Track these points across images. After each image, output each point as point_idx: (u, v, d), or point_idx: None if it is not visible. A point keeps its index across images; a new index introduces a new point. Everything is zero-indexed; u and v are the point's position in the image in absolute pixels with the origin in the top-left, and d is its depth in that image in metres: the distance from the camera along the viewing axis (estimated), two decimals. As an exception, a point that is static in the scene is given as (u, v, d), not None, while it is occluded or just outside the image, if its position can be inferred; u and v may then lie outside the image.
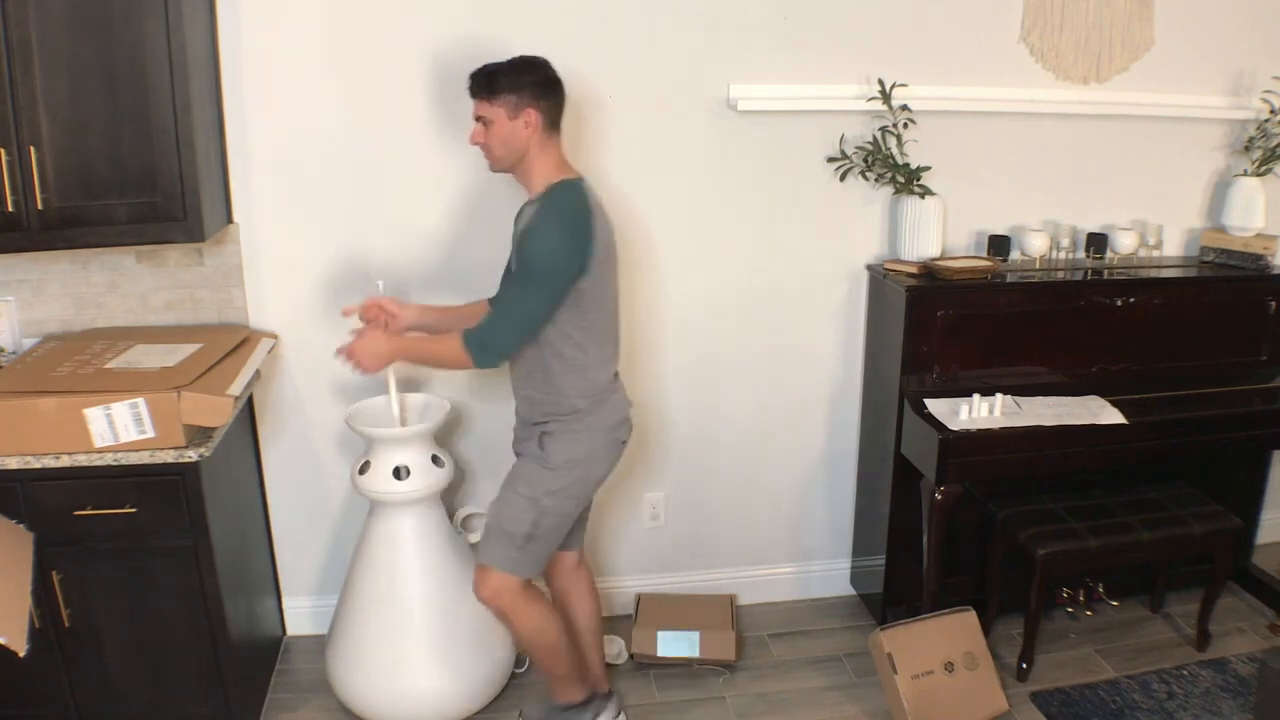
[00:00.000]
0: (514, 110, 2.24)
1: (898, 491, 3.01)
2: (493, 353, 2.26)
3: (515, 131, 2.26)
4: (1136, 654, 3.07)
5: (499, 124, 2.26)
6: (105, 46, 2.28)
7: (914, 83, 2.86)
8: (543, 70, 2.28)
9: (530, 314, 2.24)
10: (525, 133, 2.26)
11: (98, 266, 2.73)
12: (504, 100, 2.24)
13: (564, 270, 2.21)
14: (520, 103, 2.23)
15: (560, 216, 2.23)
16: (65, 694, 2.47)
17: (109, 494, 2.31)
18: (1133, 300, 2.96)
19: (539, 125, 2.26)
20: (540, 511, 2.35)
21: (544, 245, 2.20)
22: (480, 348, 2.24)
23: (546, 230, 2.21)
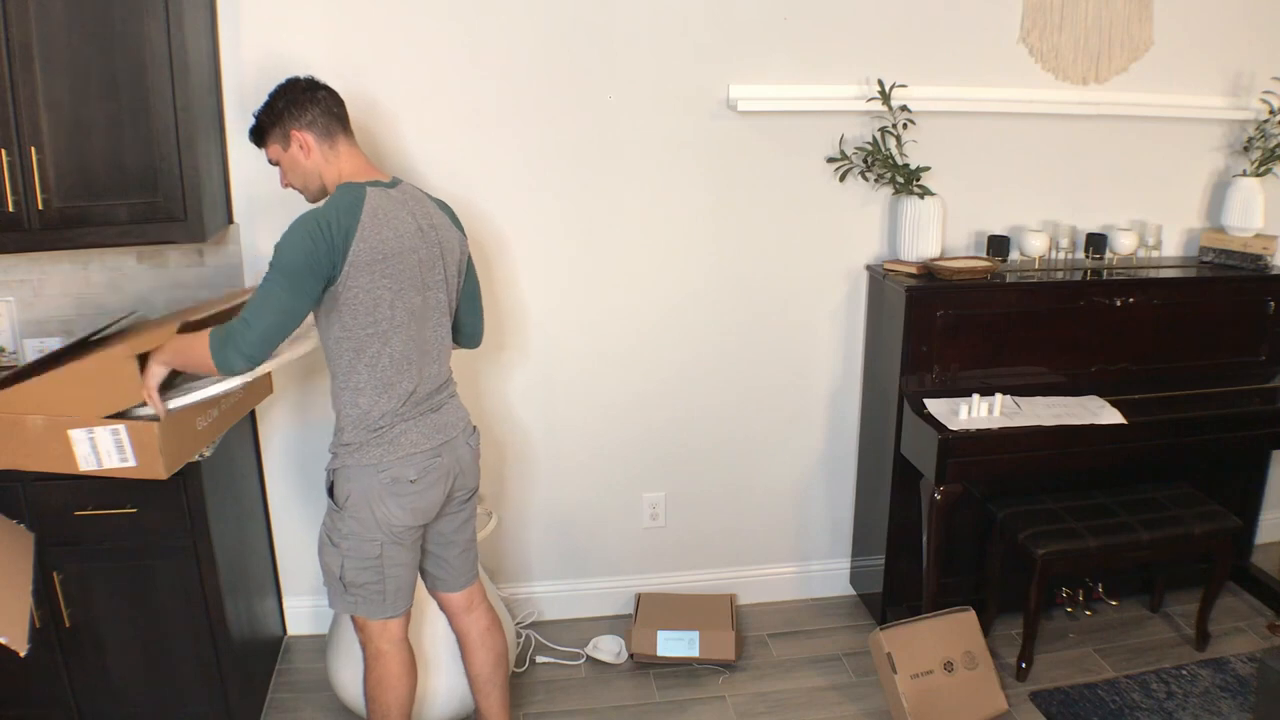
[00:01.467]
0: (285, 141, 2.17)
1: (897, 491, 3.01)
2: (234, 349, 1.98)
3: (296, 160, 2.18)
4: (1136, 654, 3.07)
5: (283, 160, 2.20)
6: (106, 47, 2.29)
7: (914, 83, 2.86)
8: (291, 88, 2.18)
9: (275, 306, 1.98)
10: (304, 156, 2.17)
11: (98, 267, 2.73)
12: (273, 137, 2.19)
13: (305, 263, 1.99)
14: (284, 132, 2.16)
15: (315, 213, 2.04)
16: (66, 693, 2.47)
17: (110, 494, 2.32)
18: (1132, 300, 2.96)
19: (314, 143, 2.16)
20: (342, 555, 2.18)
21: (286, 236, 2.02)
22: (220, 344, 1.99)
23: (295, 223, 2.03)
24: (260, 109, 2.20)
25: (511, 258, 2.91)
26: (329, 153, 2.18)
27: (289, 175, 2.23)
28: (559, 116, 2.81)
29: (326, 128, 2.18)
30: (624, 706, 2.84)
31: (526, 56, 2.75)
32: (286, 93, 2.18)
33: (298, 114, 2.16)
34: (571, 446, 3.12)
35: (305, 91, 2.18)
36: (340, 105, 2.23)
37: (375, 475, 2.14)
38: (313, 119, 2.17)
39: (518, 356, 3.01)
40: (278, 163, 2.23)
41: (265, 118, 2.19)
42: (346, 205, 2.06)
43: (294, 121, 2.16)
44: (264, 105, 2.20)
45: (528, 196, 2.87)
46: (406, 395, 2.16)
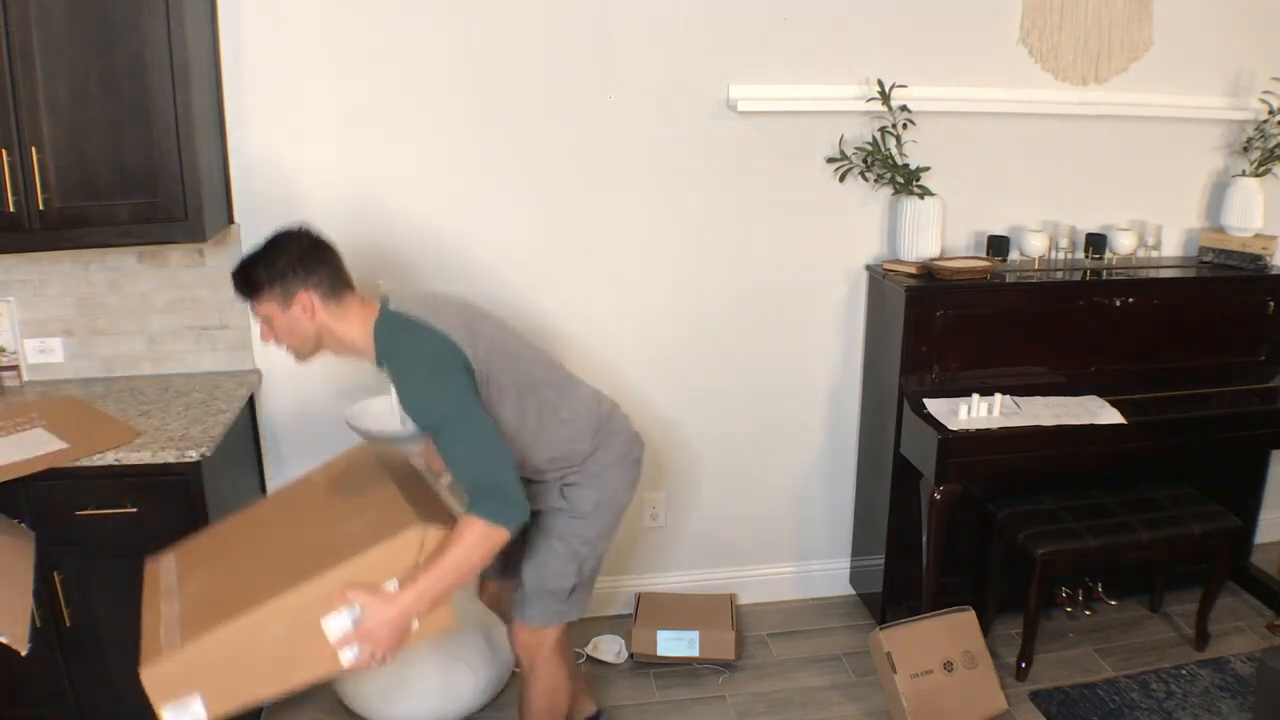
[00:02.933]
0: (284, 301, 1.98)
1: (897, 491, 3.02)
2: (511, 495, 1.90)
3: (296, 320, 2.00)
4: (1135, 653, 3.07)
5: (277, 319, 2.01)
6: (107, 47, 2.29)
7: (913, 83, 2.86)
8: (296, 244, 2.01)
9: (488, 438, 1.93)
10: (307, 318, 2.00)
11: (99, 267, 2.73)
12: (270, 295, 1.98)
13: (458, 393, 1.94)
14: (287, 291, 1.98)
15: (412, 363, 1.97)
16: (66, 693, 2.47)
17: (110, 494, 2.32)
18: (1131, 300, 2.96)
19: (318, 303, 2.00)
20: (581, 561, 2.23)
21: (423, 398, 1.95)
22: (503, 504, 1.89)
23: (411, 386, 1.96)
24: (255, 261, 2.00)
25: (511, 257, 2.92)
26: (336, 310, 2.02)
27: (283, 336, 2.04)
28: (558, 116, 2.81)
29: (333, 287, 2.02)
30: (624, 706, 2.85)
31: (526, 56, 2.75)
32: (289, 248, 2.00)
33: (304, 274, 1.99)
34: (571, 446, 3.12)
35: (311, 250, 2.02)
36: (341, 257, 2.07)
37: (619, 466, 2.24)
38: (320, 279, 2.00)
39: (518, 356, 3.01)
40: (268, 319, 2.02)
41: (263, 273, 1.98)
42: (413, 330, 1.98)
43: (299, 282, 1.98)
44: (260, 258, 2.00)
45: (527, 196, 2.87)
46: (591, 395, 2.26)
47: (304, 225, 2.07)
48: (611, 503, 2.25)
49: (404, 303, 2.07)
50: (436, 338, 1.98)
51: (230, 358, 2.86)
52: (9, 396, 2.70)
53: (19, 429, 2.42)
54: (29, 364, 2.79)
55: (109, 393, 2.71)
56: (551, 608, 2.25)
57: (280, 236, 2.04)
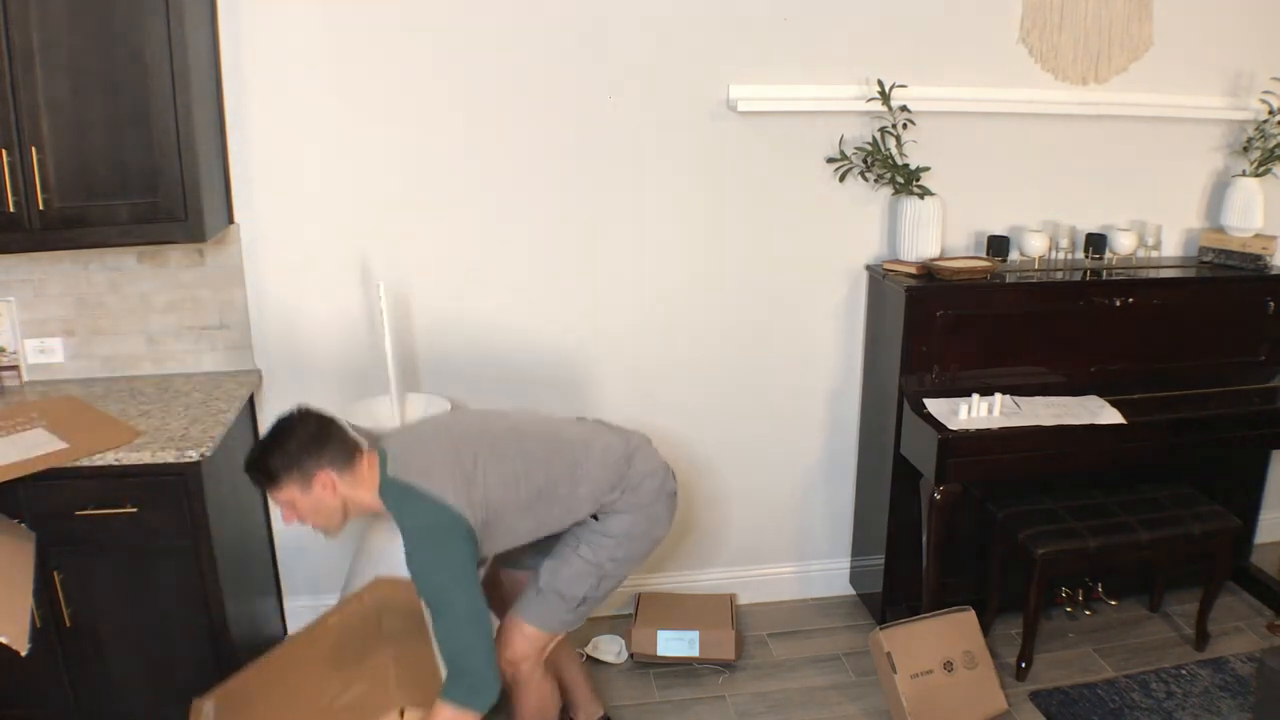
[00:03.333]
0: (305, 483, 2.03)
1: (897, 491, 3.02)
2: (485, 681, 2.01)
3: (321, 500, 2.05)
4: (1135, 653, 3.07)
5: (300, 502, 2.05)
6: (107, 47, 2.29)
7: (913, 83, 2.86)
8: (303, 426, 2.06)
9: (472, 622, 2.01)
10: (329, 494, 2.05)
11: (99, 267, 2.73)
12: (289, 481, 2.03)
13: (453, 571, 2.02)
14: (305, 474, 2.02)
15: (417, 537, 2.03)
16: (66, 693, 2.47)
17: (110, 494, 2.32)
18: (1131, 300, 2.96)
19: (337, 479, 2.04)
20: (602, 576, 2.25)
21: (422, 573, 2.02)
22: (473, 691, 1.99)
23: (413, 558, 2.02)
24: (267, 451, 2.05)
25: (511, 257, 2.92)
26: (352, 479, 2.07)
27: (308, 517, 2.08)
28: (558, 116, 2.81)
29: (346, 458, 2.07)
30: (624, 706, 2.84)
31: (527, 55, 2.75)
32: (298, 433, 2.05)
33: (318, 453, 2.03)
34: (571, 446, 3.12)
35: (319, 429, 2.06)
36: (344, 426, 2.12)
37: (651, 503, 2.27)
38: (333, 455, 2.05)
39: (518, 357, 3.01)
40: (291, 504, 2.06)
41: (278, 461, 2.03)
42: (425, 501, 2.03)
43: (315, 462, 2.03)
44: (272, 447, 2.05)
45: (527, 196, 2.87)
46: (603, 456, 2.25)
47: (303, 406, 2.12)
48: (644, 533, 2.29)
49: (398, 464, 2.10)
50: (435, 509, 2.04)
51: (230, 358, 2.86)
52: (9, 396, 2.70)
53: (19, 429, 2.42)
54: (29, 364, 2.80)
55: (109, 393, 2.71)
56: (556, 611, 2.25)
57: (285, 423, 2.08)
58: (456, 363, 2.98)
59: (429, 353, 2.96)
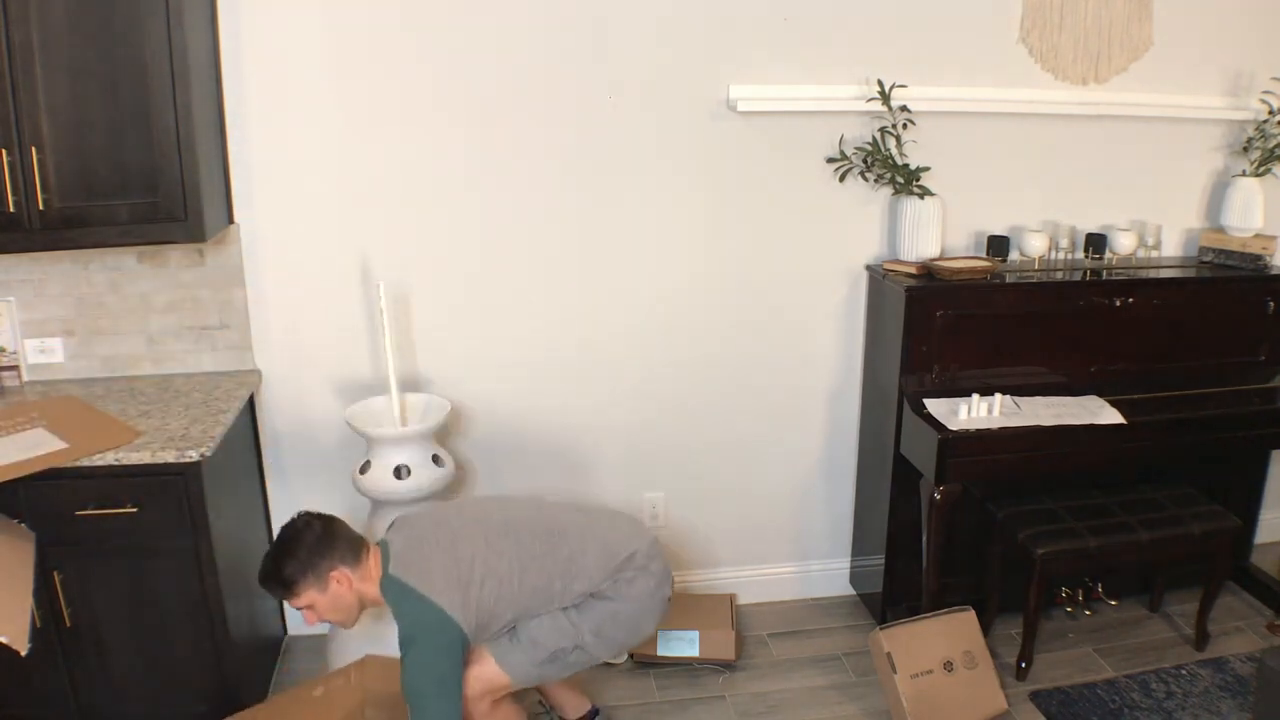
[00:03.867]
0: (321, 585, 2.15)
1: (897, 491, 3.02)
2: None
3: (338, 597, 2.17)
4: (1135, 653, 3.07)
5: (319, 603, 2.17)
6: (107, 47, 2.29)
7: (913, 83, 2.86)
8: (309, 531, 2.17)
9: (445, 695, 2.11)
10: (346, 590, 2.17)
11: (99, 267, 2.73)
12: (305, 585, 2.14)
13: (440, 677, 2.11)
14: (320, 575, 2.14)
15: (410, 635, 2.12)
16: (66, 693, 2.47)
17: (110, 494, 2.32)
18: (1131, 300, 2.96)
19: (350, 575, 2.17)
20: (578, 643, 2.27)
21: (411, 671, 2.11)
22: None
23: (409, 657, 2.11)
24: (280, 561, 2.13)
25: (511, 257, 2.92)
26: (362, 573, 2.19)
27: (327, 614, 2.18)
28: (558, 116, 2.81)
29: (355, 554, 2.19)
30: (624, 706, 2.84)
31: (527, 54, 2.75)
32: (304, 539, 2.15)
33: (328, 553, 2.15)
34: (572, 446, 3.12)
35: (325, 531, 2.17)
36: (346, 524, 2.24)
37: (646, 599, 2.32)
38: (343, 553, 2.17)
39: (517, 357, 3.01)
40: (310, 606, 2.17)
41: (292, 568, 2.13)
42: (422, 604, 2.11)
43: (328, 563, 2.14)
44: (283, 556, 2.14)
45: (527, 196, 2.87)
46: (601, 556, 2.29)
47: (304, 512, 2.22)
48: (629, 619, 2.31)
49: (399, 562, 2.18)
50: (432, 612, 2.12)
51: (230, 358, 2.86)
52: (9, 396, 2.70)
53: (19, 429, 2.42)
54: (29, 364, 2.80)
55: (109, 393, 2.71)
56: (524, 658, 2.25)
57: (291, 532, 2.18)
58: (456, 363, 2.98)
59: (429, 353, 2.96)
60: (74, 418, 2.50)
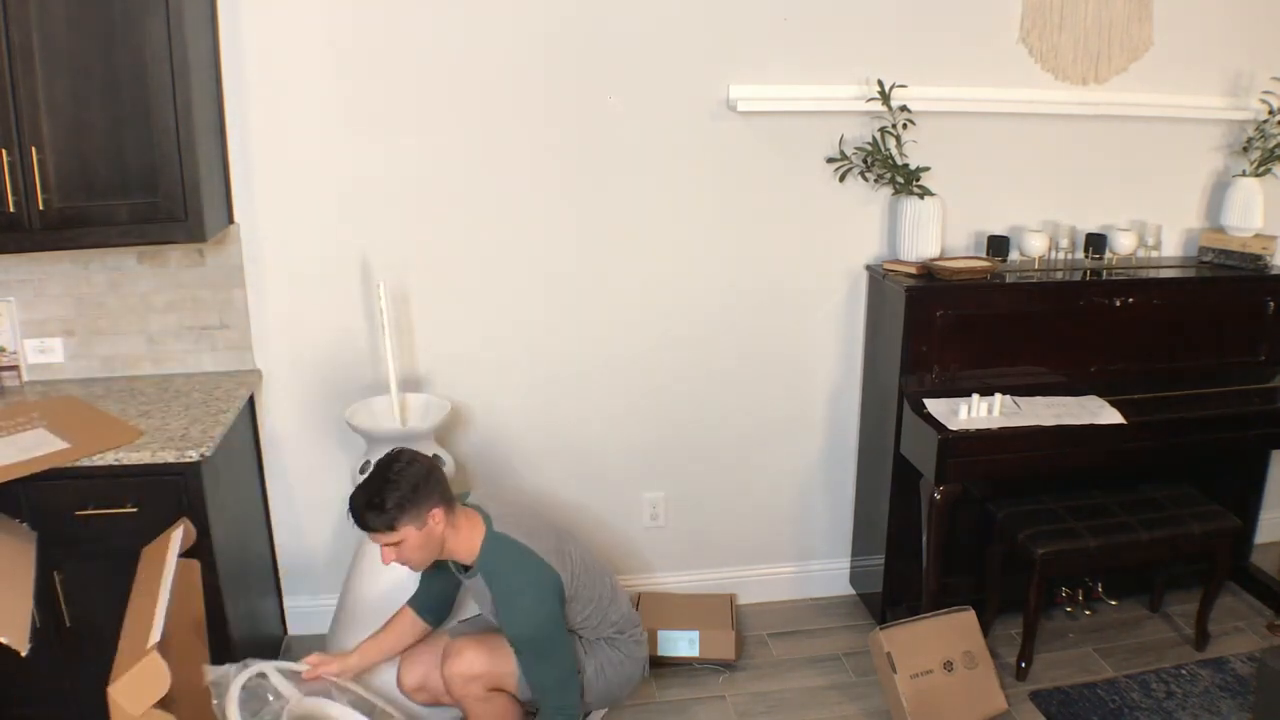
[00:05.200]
0: (420, 522, 2.14)
1: (897, 491, 3.01)
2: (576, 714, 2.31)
3: (431, 536, 2.17)
4: (1135, 653, 3.07)
5: (412, 539, 2.15)
6: (107, 47, 2.29)
7: (913, 83, 2.86)
8: (418, 464, 2.16)
9: (568, 663, 2.27)
10: (440, 529, 2.17)
11: (99, 267, 2.73)
12: (408, 519, 2.12)
13: (558, 620, 2.24)
14: (421, 512, 2.13)
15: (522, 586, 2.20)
16: (66, 693, 2.47)
17: (110, 494, 2.32)
18: (1131, 300, 2.96)
19: (444, 515, 2.17)
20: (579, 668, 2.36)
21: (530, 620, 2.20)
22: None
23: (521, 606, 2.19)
24: (383, 491, 2.11)
25: (510, 257, 2.92)
26: (453, 521, 2.20)
27: (411, 553, 2.17)
28: (558, 116, 2.81)
29: (449, 498, 2.20)
30: (624, 706, 2.84)
31: (527, 56, 2.75)
32: (410, 471, 2.14)
33: (430, 491, 2.14)
34: (572, 446, 3.12)
35: (428, 469, 2.17)
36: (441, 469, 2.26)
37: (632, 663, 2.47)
38: (443, 494, 2.18)
39: (517, 357, 3.01)
40: (402, 541, 2.14)
41: (398, 502, 2.10)
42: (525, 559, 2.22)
43: (429, 500, 2.14)
44: (386, 491, 2.11)
45: (527, 196, 2.87)
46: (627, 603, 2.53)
47: (405, 449, 2.23)
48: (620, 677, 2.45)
49: (503, 523, 2.27)
50: (540, 565, 2.23)
51: (230, 358, 2.86)
52: (9, 396, 2.70)
53: (19, 429, 2.42)
54: (29, 364, 2.80)
55: (109, 393, 2.71)
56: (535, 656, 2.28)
57: (396, 464, 2.16)
58: (456, 362, 2.98)
59: (429, 353, 2.96)
60: (74, 418, 2.50)
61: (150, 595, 2.11)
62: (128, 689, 1.94)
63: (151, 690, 1.94)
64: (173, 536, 2.25)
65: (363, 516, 2.13)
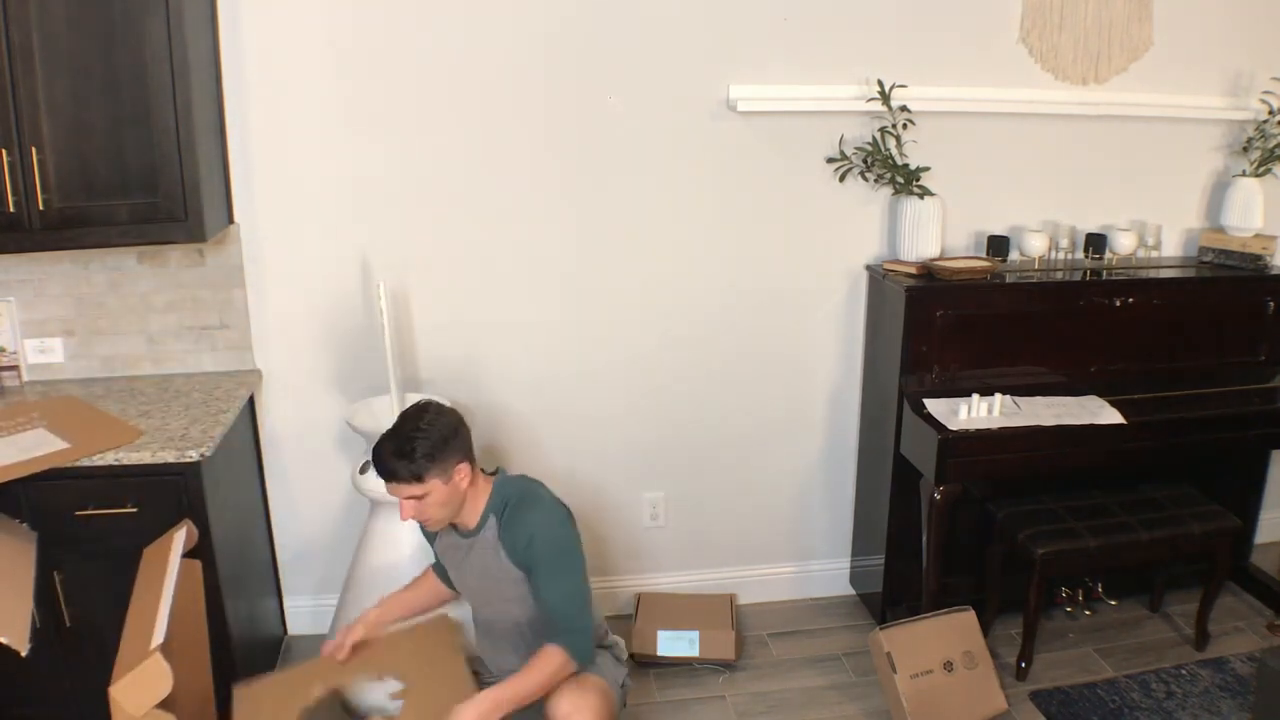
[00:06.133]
0: (447, 475, 2.06)
1: (897, 491, 3.02)
2: (589, 639, 2.17)
3: (456, 490, 2.10)
4: (1135, 653, 3.07)
5: (437, 492, 2.07)
6: (107, 47, 2.29)
7: (913, 83, 2.86)
8: (448, 420, 2.09)
9: (583, 584, 2.19)
10: (465, 485, 2.11)
11: (99, 267, 2.73)
12: (435, 472, 2.04)
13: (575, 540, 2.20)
14: (449, 465, 2.06)
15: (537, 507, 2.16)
16: (66, 693, 2.47)
17: (110, 494, 2.32)
18: (1131, 300, 2.96)
19: (469, 469, 2.12)
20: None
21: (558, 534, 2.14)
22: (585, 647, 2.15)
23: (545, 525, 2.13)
24: (413, 444, 2.02)
25: (510, 257, 2.92)
26: (474, 475, 2.15)
27: (433, 508, 2.09)
28: (558, 116, 2.82)
29: (472, 453, 2.15)
30: (624, 706, 2.84)
31: (527, 56, 2.75)
32: (443, 424, 2.07)
33: (459, 445, 2.08)
34: (572, 446, 3.13)
35: (458, 422, 2.11)
36: None
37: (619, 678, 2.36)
38: (469, 448, 2.13)
39: (518, 357, 3.01)
40: (426, 494, 2.06)
41: (428, 451, 2.02)
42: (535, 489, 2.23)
43: (459, 454, 2.08)
44: (416, 439, 2.03)
45: (527, 196, 2.87)
46: None
47: (431, 400, 2.19)
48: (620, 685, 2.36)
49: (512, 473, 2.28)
50: (554, 500, 2.23)
51: (230, 358, 2.86)
52: (9, 396, 2.70)
53: (19, 429, 2.42)
54: (29, 364, 2.80)
55: (109, 393, 2.71)
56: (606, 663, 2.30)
57: (428, 416, 2.08)
58: (456, 362, 2.98)
59: (429, 353, 2.96)
60: (74, 418, 2.50)
61: (153, 596, 2.12)
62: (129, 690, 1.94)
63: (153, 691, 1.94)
64: (175, 538, 2.25)
65: (390, 465, 2.03)
